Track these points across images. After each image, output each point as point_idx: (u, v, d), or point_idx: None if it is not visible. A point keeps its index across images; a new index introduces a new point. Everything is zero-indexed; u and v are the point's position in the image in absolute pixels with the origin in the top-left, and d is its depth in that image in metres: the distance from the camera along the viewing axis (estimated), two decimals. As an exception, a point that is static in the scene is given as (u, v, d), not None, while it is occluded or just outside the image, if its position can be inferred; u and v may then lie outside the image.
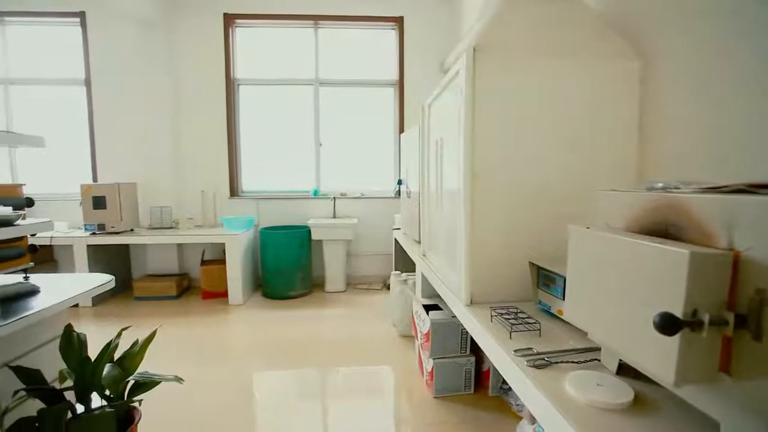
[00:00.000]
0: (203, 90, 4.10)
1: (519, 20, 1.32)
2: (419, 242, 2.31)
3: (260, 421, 1.97)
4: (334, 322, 3.21)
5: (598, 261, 0.74)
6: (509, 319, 1.13)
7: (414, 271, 2.96)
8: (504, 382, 1.98)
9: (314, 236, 3.86)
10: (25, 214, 1.56)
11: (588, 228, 0.78)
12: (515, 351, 0.97)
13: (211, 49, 4.06)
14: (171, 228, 3.88)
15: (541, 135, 1.31)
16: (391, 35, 4.22)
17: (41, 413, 1.31)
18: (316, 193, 4.22)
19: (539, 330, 1.09)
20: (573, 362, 0.92)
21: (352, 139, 4.35)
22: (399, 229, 3.31)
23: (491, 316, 1.19)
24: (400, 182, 3.14)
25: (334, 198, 4.16)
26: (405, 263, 3.26)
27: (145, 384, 1.57)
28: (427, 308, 2.15)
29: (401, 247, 3.10)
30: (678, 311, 0.53)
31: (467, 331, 2.00)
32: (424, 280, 2.25)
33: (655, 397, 0.77)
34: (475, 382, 2.06)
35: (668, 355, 0.55)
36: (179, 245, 4.09)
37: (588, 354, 0.95)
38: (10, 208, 1.45)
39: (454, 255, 1.45)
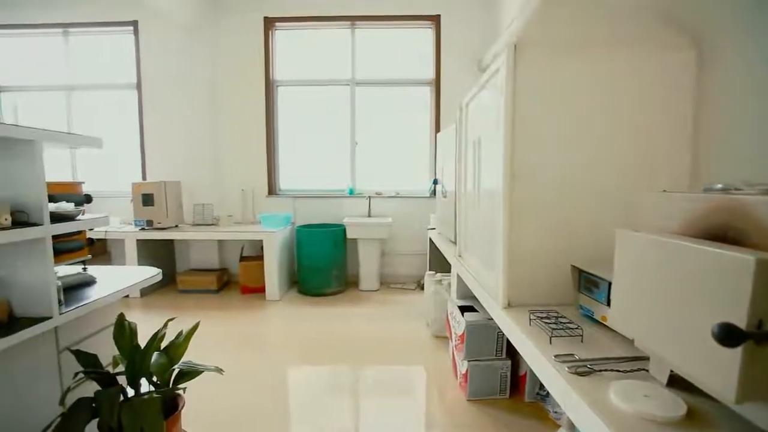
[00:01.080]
0: (244, 92, 4.24)
1: (561, 14, 1.27)
2: (455, 243, 2.28)
3: (293, 414, 2.01)
4: (368, 320, 3.24)
5: (649, 266, 0.71)
6: (549, 323, 1.10)
7: (448, 272, 2.93)
8: (541, 387, 1.93)
9: (349, 235, 3.90)
10: (84, 210, 1.67)
11: (638, 231, 0.74)
12: (555, 356, 0.94)
13: (252, 52, 4.19)
14: (212, 225, 4.03)
15: (585, 133, 1.26)
16: (427, 34, 4.19)
17: (98, 395, 1.40)
18: (351, 192, 4.26)
19: (581, 336, 1.05)
20: (618, 371, 0.88)
21: (387, 138, 4.36)
22: (434, 229, 3.29)
23: (530, 319, 1.15)
24: (435, 182, 3.12)
25: (369, 197, 4.18)
26: (439, 263, 3.23)
27: (189, 373, 1.65)
28: (462, 309, 2.12)
29: (436, 247, 3.08)
30: (741, 322, 0.49)
31: (503, 334, 1.96)
32: (460, 281, 2.22)
33: (710, 412, 0.73)
34: (510, 386, 2.01)
35: (728, 369, 0.51)
36: (220, 241, 4.25)
37: (634, 363, 0.91)
38: (72, 204, 1.55)
39: (492, 256, 1.42)
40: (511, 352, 2.01)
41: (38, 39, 4.47)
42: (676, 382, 0.80)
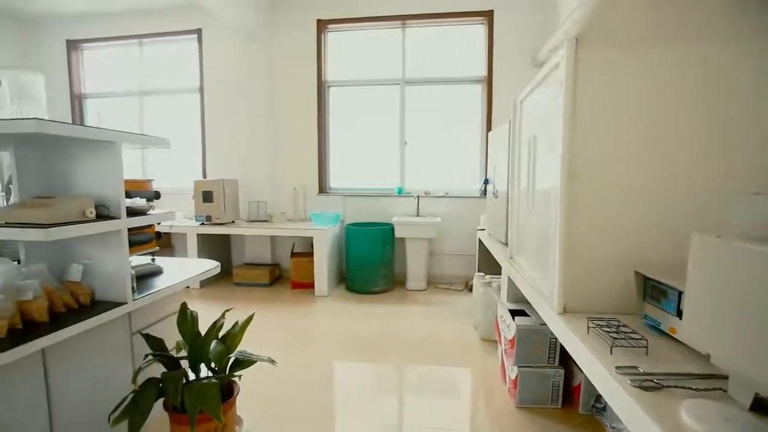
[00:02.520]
0: (297, 93, 4.38)
1: (627, 2, 1.19)
2: (506, 244, 2.21)
3: (338, 408, 2.05)
4: (414, 319, 3.23)
5: (731, 275, 0.64)
6: (609, 332, 1.03)
7: (498, 274, 2.85)
8: (597, 400, 1.82)
9: (397, 234, 3.91)
10: (153, 206, 1.80)
11: (718, 237, 0.68)
12: (617, 368, 0.88)
13: (305, 54, 4.32)
14: (266, 221, 4.21)
15: (652, 130, 1.17)
16: (479, 30, 4.10)
17: (164, 376, 1.52)
18: (400, 191, 4.27)
19: (646, 348, 0.98)
20: (690, 389, 0.80)
21: (437, 137, 4.32)
22: (483, 229, 3.21)
23: (588, 327, 1.09)
24: (486, 181, 3.04)
25: (418, 196, 4.17)
26: (489, 265, 3.15)
27: (244, 362, 1.73)
28: (513, 313, 2.06)
29: (485, 248, 3.00)
30: None
31: (557, 341, 1.88)
32: (511, 283, 2.15)
33: (802, 441, 0.65)
34: (563, 396, 1.92)
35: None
36: (272, 237, 4.43)
37: (709, 381, 0.83)
38: (144, 200, 1.69)
39: (546, 259, 1.36)
40: (565, 361, 1.92)
41: (118, 50, 4.90)
42: (761, 406, 0.72)
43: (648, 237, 1.20)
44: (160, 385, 1.52)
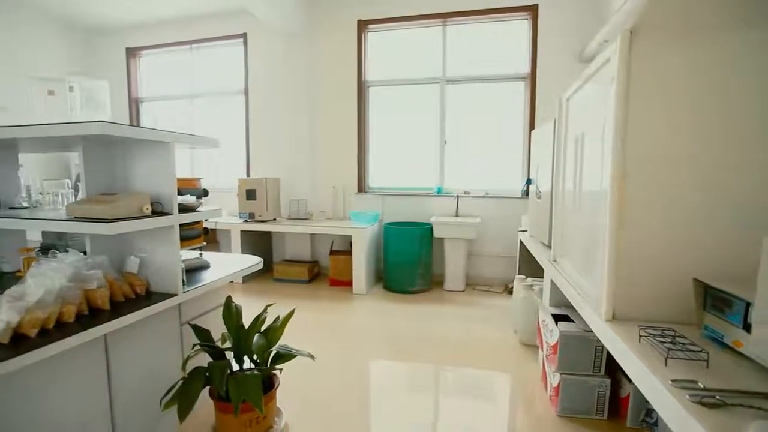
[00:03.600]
0: (337, 93, 4.44)
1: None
2: (549, 246, 2.14)
3: (373, 406, 2.06)
4: (452, 321, 3.19)
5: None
6: (664, 342, 0.97)
7: (540, 277, 2.76)
8: (648, 414, 1.72)
9: (436, 234, 3.88)
10: (202, 203, 1.89)
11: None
12: (673, 381, 0.83)
13: (345, 55, 4.38)
14: (306, 219, 4.31)
15: (715, 127, 1.09)
16: (523, 26, 3.98)
17: (210, 366, 1.59)
18: (439, 190, 4.23)
19: (706, 361, 0.91)
20: (760, 409, 0.74)
21: (477, 136, 4.24)
22: (525, 231, 3.12)
23: (639, 336, 1.03)
24: (529, 181, 2.95)
25: (457, 196, 4.11)
26: (530, 267, 3.06)
27: (284, 356, 1.78)
28: (556, 318, 1.98)
29: (527, 250, 2.92)
30: None
31: (603, 349, 1.79)
32: (554, 287, 2.07)
33: None
34: (609, 407, 1.83)
35: None
36: (312, 235, 4.52)
37: (781, 400, 0.76)
38: (194, 197, 1.77)
39: (594, 263, 1.30)
40: (612, 370, 1.82)
41: (170, 55, 5.18)
42: (841, 430, 0.65)
43: (706, 241, 1.11)
44: (207, 374, 1.60)
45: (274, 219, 4.28)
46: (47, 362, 1.25)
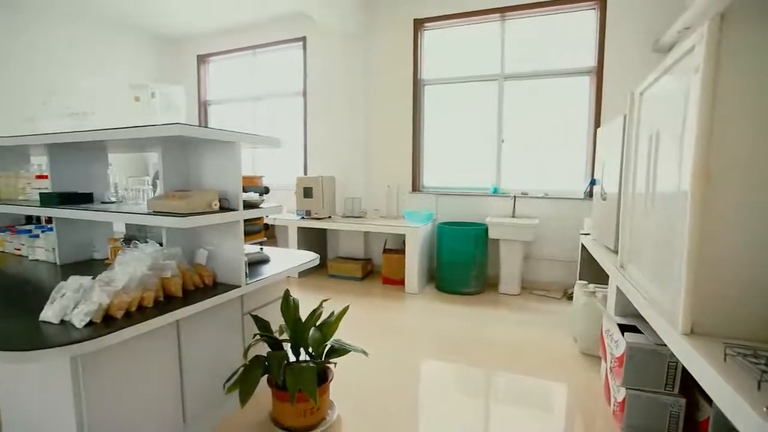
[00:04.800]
0: (393, 93, 4.46)
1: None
2: (615, 251, 2.00)
3: (422, 406, 2.05)
4: (506, 325, 3.09)
5: None
6: (757, 364, 0.87)
7: (603, 283, 2.60)
8: (729, 440, 1.55)
9: (491, 234, 3.78)
10: (264, 200, 1.99)
11: None
12: None
13: (401, 54, 4.38)
14: (360, 217, 4.38)
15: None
16: (589, 17, 3.75)
17: (269, 355, 1.67)
18: (495, 190, 4.12)
19: (807, 387, 0.80)
20: None
21: (536, 134, 4.06)
22: (588, 234, 2.94)
23: (725, 354, 0.93)
24: (593, 182, 2.78)
25: (515, 196, 3.97)
26: (592, 273, 2.88)
27: (339, 350, 1.83)
28: (622, 328, 1.85)
29: (589, 254, 2.75)
30: None
31: (677, 365, 1.65)
32: (620, 295, 1.94)
33: None
34: (684, 430, 1.68)
35: None
36: (366, 233, 4.59)
37: None
38: (257, 194, 1.87)
39: (669, 271, 1.20)
40: (687, 389, 1.67)
41: (235, 60, 5.50)
42: None
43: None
44: (266, 362, 1.68)
45: (330, 216, 4.40)
46: (130, 342, 1.38)
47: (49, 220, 2.22)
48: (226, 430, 1.78)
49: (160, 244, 1.78)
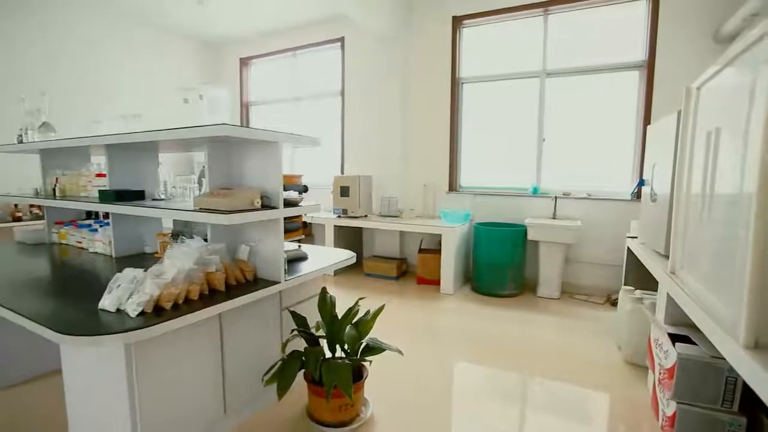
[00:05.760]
0: (431, 92, 4.43)
1: None
2: (666, 256, 1.88)
3: (456, 409, 2.02)
4: (545, 329, 2.99)
5: None
6: (831, 382, 0.79)
7: (650, 289, 2.47)
8: (796, 464, 1.43)
9: (530, 236, 3.67)
10: (303, 198, 2.03)
11: None
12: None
13: (439, 52, 4.34)
14: (396, 217, 4.38)
15: None
16: (639, 8, 3.55)
17: (306, 351, 1.70)
18: (535, 191, 4.00)
19: None
20: None
21: (580, 133, 3.90)
22: (635, 237, 2.80)
23: (793, 371, 0.86)
24: (641, 183, 2.64)
25: (555, 197, 3.84)
26: (639, 278, 2.74)
27: (374, 348, 1.83)
28: (673, 338, 1.74)
29: (636, 258, 2.61)
30: None
31: (737, 380, 1.54)
32: (671, 302, 1.83)
33: None
34: (742, 449, 1.56)
35: None
36: (401, 232, 4.58)
37: None
38: (296, 192, 1.91)
39: (729, 279, 1.11)
40: (749, 407, 1.55)
41: (275, 62, 5.65)
42: None
43: None
44: (303, 358, 1.71)
45: (366, 215, 4.43)
46: (176, 332, 1.45)
47: (107, 215, 2.38)
48: (263, 422, 1.83)
49: (205, 240, 1.86)
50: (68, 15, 4.44)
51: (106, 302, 1.35)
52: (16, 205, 3.93)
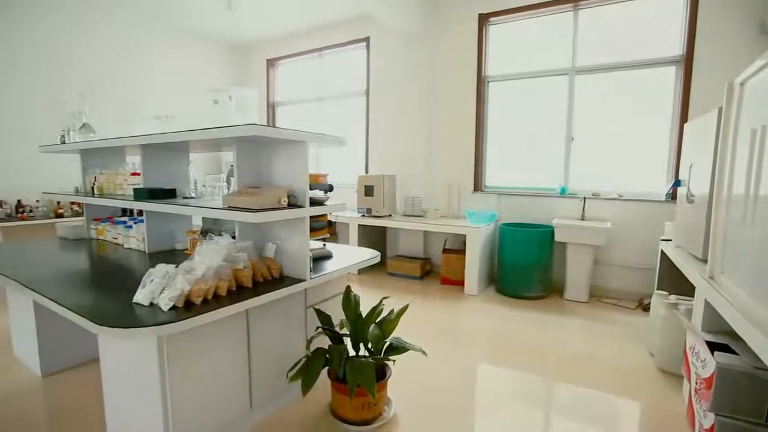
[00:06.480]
0: (456, 91, 4.39)
1: None
2: (704, 260, 1.80)
3: (479, 412, 1.99)
4: (572, 333, 2.91)
5: None
6: None
7: (685, 294, 2.38)
8: None
9: (558, 237, 3.58)
10: (329, 197, 2.05)
11: None
12: None
13: (465, 51, 4.29)
14: (420, 216, 4.36)
15: None
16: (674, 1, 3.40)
17: (330, 348, 1.72)
18: (563, 191, 3.90)
19: None
20: None
21: (611, 131, 3.77)
22: (669, 240, 2.69)
23: None
24: (677, 183, 2.53)
25: (584, 198, 3.72)
26: (673, 283, 2.63)
27: (397, 348, 1.84)
28: (711, 346, 1.66)
29: (670, 262, 2.51)
30: None
31: (782, 393, 1.45)
32: (709, 308, 1.74)
33: None
34: (786, 466, 1.47)
35: None
36: (425, 232, 4.56)
37: None
38: (322, 192, 1.93)
39: (775, 285, 1.05)
40: (793, 421, 1.46)
41: (301, 63, 5.73)
42: None
43: None
44: (327, 355, 1.73)
45: (390, 215, 4.43)
46: (206, 327, 1.49)
47: (140, 212, 2.47)
48: (287, 417, 1.86)
49: (233, 237, 1.90)
50: (106, 19, 4.64)
51: (140, 296, 1.41)
52: (58, 203, 4.14)
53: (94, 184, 2.64)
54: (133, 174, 2.43)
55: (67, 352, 2.28)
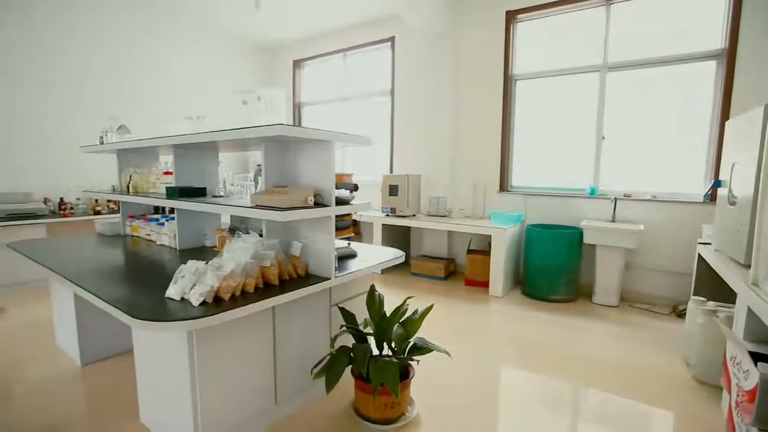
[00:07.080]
0: (482, 90, 4.33)
1: None
2: (746, 265, 1.71)
3: (503, 416, 1.95)
4: (601, 338, 2.82)
5: None
6: None
7: (725, 301, 2.27)
8: None
9: (586, 239, 3.47)
10: (354, 196, 2.05)
11: None
12: None
13: (492, 49, 4.23)
14: (444, 216, 4.33)
15: None
16: (719, -8, 3.24)
17: (354, 347, 1.73)
18: (593, 191, 3.78)
19: None
20: None
21: (644, 130, 3.63)
22: (708, 243, 2.56)
23: None
24: (717, 184, 2.41)
25: (615, 199, 3.60)
26: (711, 288, 2.51)
27: (421, 348, 1.83)
28: (755, 357, 1.58)
29: (709, 267, 2.39)
30: None
31: (832, 408, 1.36)
32: (752, 317, 1.65)
33: None
34: (837, 486, 1.38)
35: None
36: (449, 232, 4.52)
37: None
38: (348, 191, 1.94)
39: (827, 293, 0.99)
40: None
41: (327, 63, 5.78)
42: None
43: None
44: (351, 354, 1.74)
45: (414, 215, 4.42)
46: (234, 322, 1.53)
47: (172, 210, 2.56)
48: (311, 414, 1.88)
49: (260, 235, 1.94)
50: (139, 21, 4.82)
51: (172, 291, 1.45)
52: (96, 200, 4.33)
53: (129, 182, 2.75)
54: (166, 173, 2.51)
55: (104, 343, 2.39)
